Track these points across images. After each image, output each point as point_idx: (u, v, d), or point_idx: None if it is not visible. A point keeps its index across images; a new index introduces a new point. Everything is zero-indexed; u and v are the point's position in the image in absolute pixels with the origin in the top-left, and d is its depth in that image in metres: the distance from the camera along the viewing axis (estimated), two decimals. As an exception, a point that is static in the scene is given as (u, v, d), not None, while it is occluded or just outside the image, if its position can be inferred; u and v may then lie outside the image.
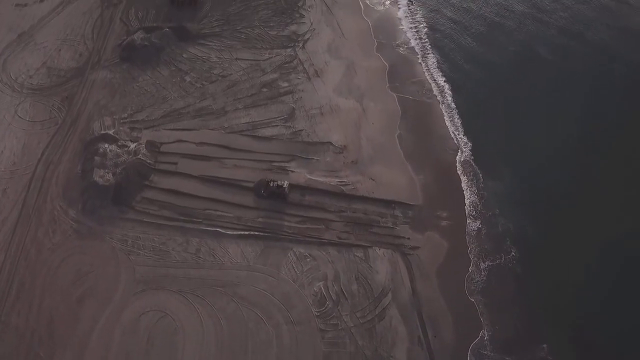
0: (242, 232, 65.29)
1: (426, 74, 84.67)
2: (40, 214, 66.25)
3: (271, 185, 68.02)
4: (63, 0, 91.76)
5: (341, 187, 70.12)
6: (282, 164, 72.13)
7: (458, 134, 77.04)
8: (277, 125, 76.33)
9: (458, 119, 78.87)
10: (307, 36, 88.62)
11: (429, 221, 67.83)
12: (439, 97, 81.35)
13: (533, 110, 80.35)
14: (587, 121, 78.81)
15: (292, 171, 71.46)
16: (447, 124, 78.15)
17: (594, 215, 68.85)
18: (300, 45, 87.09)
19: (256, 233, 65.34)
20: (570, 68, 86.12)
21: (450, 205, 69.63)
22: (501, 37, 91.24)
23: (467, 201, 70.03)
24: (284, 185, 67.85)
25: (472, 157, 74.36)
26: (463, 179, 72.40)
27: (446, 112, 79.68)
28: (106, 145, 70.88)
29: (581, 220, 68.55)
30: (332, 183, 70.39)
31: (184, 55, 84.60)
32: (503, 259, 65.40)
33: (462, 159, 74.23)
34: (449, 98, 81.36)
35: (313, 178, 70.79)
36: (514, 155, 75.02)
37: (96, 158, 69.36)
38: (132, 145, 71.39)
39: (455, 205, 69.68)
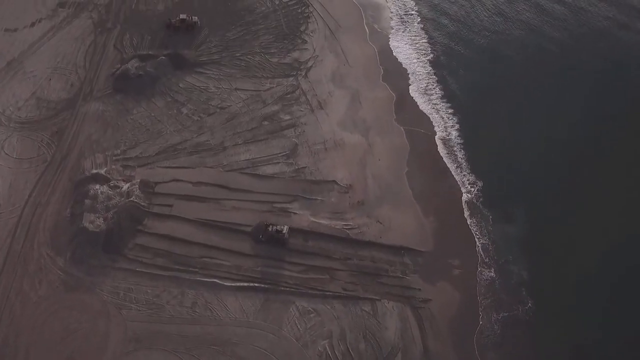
0: (241, 284, 61.11)
1: (434, 105, 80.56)
2: (26, 263, 62.05)
3: (270, 229, 63.94)
4: (54, 25, 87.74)
5: (346, 231, 66.00)
6: (284, 205, 68.03)
7: (467, 173, 72.82)
8: (279, 162, 72.23)
9: (467, 155, 74.74)
10: (310, 64, 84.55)
11: (440, 270, 63.68)
12: (447, 132, 77.25)
13: (544, 147, 76.20)
14: (603, 161, 74.68)
15: (294, 213, 67.35)
16: (456, 161, 74.08)
17: (614, 260, 64.85)
18: (303, 73, 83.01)
19: (256, 284, 61.17)
20: (586, 104, 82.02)
21: (462, 251, 65.47)
22: (511, 69, 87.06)
23: (478, 246, 65.93)
24: (284, 231, 63.73)
25: (482, 198, 70.23)
26: (473, 221, 68.33)
27: (455, 147, 75.62)
28: (97, 187, 66.77)
29: (601, 267, 64.55)
30: (336, 227, 66.26)
31: (181, 85, 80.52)
32: (519, 311, 61.29)
33: (472, 200, 70.13)
34: (457, 132, 77.28)
35: (316, 221, 66.67)
36: (525, 195, 70.89)
37: (86, 201, 65.25)
38: (125, 186, 67.28)
39: (466, 251, 65.52)
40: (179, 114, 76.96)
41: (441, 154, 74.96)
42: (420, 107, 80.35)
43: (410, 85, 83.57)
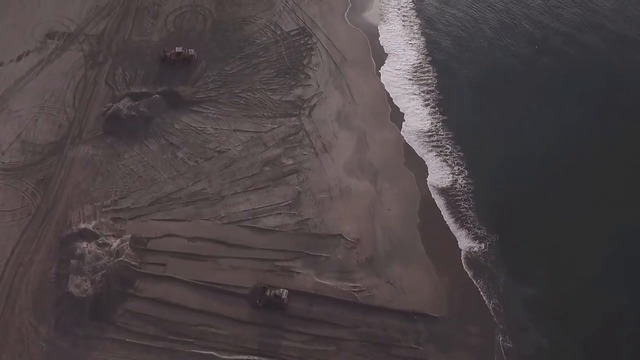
0: (240, 357, 56.11)
1: (446, 148, 75.42)
2: (6, 331, 57.06)
3: (268, 293, 58.90)
4: (43, 58, 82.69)
5: (354, 294, 60.96)
6: (286, 264, 63.03)
7: (483, 225, 67.66)
8: (281, 213, 67.22)
9: (473, 206, 69.56)
10: (313, 101, 79.52)
11: (456, 338, 58.64)
12: (460, 180, 72.08)
13: (558, 199, 70.97)
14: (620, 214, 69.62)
15: (297, 272, 62.33)
16: (469, 213, 68.88)
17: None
18: (306, 112, 77.99)
19: (255, 358, 56.13)
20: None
21: (479, 316, 60.45)
22: (524, 111, 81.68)
23: (495, 311, 60.84)
24: (283, 295, 58.65)
25: (493, 255, 65.10)
26: (490, 282, 63.19)
27: (461, 198, 70.36)
28: (85, 245, 61.77)
29: (625, 330, 59.70)
30: (343, 289, 61.21)
31: (176, 126, 75.49)
32: (543, 385, 56.38)
33: (487, 257, 64.97)
34: (465, 181, 72.01)
35: (321, 282, 61.65)
36: (539, 252, 65.75)
37: (73, 261, 60.26)
38: (115, 243, 62.29)
39: (484, 316, 60.49)
40: (173, 159, 71.95)
41: (455, 203, 69.87)
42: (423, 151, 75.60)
43: (421, 123, 78.54)
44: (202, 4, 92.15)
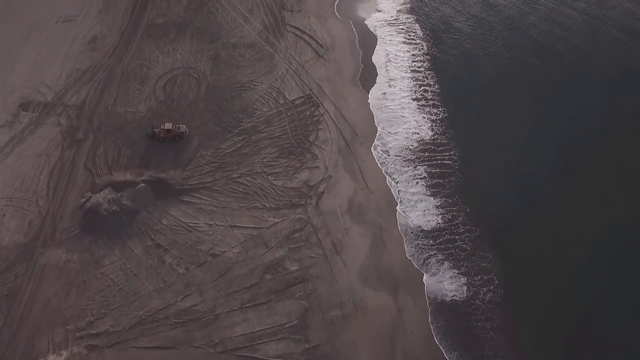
0: None
1: (471, 249, 65.57)
2: None
3: None
4: (14, 136, 72.78)
5: None
6: (292, 407, 53.32)
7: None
8: (285, 338, 57.32)
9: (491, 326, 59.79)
10: (321, 187, 69.74)
11: None
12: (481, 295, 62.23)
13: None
14: None
15: (305, 420, 52.62)
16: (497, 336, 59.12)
17: None
18: (314, 202, 68.19)
19: None
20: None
21: None
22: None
23: None
24: None
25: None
26: None
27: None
28: (52, 388, 52.04)
29: None
30: None
31: (164, 222, 65.67)
32: None
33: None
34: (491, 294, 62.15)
35: None
36: None
37: (36, 412, 50.50)
38: (88, 384, 52.52)
39: None
40: (160, 265, 62.10)
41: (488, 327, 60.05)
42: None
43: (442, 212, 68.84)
44: (195, 66, 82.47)
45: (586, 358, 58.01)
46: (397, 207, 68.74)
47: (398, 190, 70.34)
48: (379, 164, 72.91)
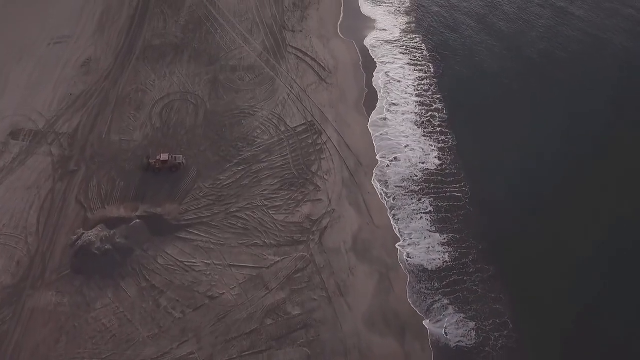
0: None
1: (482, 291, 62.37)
2: None
3: None
4: (3, 166, 69.57)
5: None
6: None
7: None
8: (287, 393, 54.38)
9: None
10: (324, 222, 66.57)
11: None
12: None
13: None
14: None
15: None
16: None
17: None
18: (316, 239, 65.03)
19: None
20: None
21: None
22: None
23: None
24: None
25: None
26: None
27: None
28: None
29: None
30: None
31: (160, 261, 62.49)
32: None
33: None
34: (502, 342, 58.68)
35: None
36: None
37: None
38: None
39: None
40: (155, 309, 58.91)
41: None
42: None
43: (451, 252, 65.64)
44: (193, 91, 79.31)
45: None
46: (398, 245, 65.35)
47: (398, 226, 66.94)
48: (380, 197, 69.62)
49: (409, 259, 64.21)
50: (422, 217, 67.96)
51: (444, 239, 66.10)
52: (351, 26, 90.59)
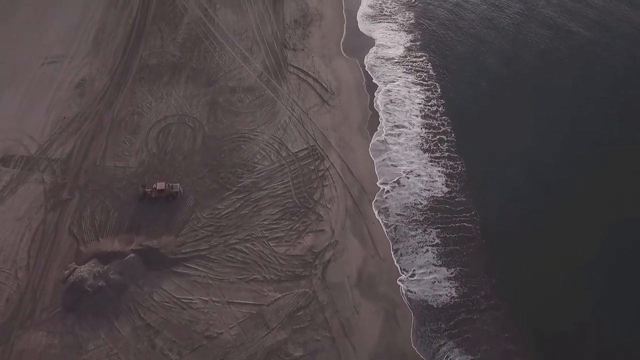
0: None
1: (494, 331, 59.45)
2: None
3: None
4: (-8, 196, 67.28)
5: None
6: None
7: None
8: None
9: None
10: (327, 255, 63.80)
11: None
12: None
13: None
14: None
15: None
16: None
17: None
18: (319, 273, 62.25)
19: None
20: None
21: None
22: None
23: None
24: None
25: None
26: None
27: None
28: None
29: None
30: None
31: (155, 298, 59.76)
32: None
33: None
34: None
35: None
36: None
37: None
38: None
39: None
40: (150, 350, 56.18)
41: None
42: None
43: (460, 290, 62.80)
44: (191, 113, 76.56)
45: None
46: (399, 281, 62.47)
47: (400, 260, 64.01)
48: (382, 227, 66.77)
49: (410, 294, 61.34)
50: (427, 250, 65.04)
51: (451, 273, 63.26)
52: (354, 44, 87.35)
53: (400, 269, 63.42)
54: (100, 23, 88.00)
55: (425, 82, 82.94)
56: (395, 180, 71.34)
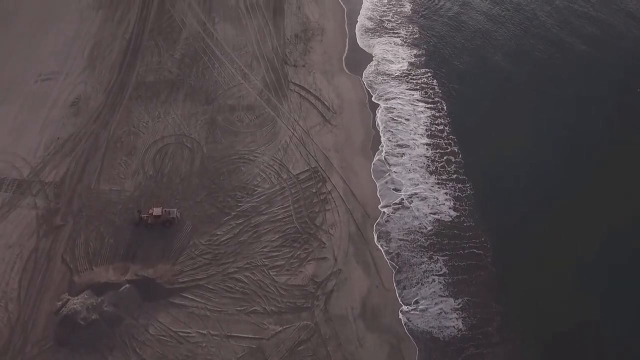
0: None
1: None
2: None
3: None
4: (-17, 223, 64.96)
5: None
6: None
7: None
8: None
9: None
10: (330, 285, 61.40)
11: None
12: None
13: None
14: None
15: None
16: None
17: None
18: (321, 304, 59.87)
19: None
20: None
21: None
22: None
23: None
24: None
25: None
26: None
27: None
28: None
29: None
30: None
31: (151, 331, 57.42)
32: None
33: None
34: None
35: None
36: None
37: None
38: None
39: None
40: (146, 387, 54.03)
41: None
42: (489, 368, 56.92)
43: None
44: (189, 133, 74.20)
45: None
46: (401, 312, 60.10)
47: (403, 291, 61.64)
48: (384, 255, 64.38)
49: (414, 326, 58.92)
50: (434, 280, 62.61)
51: (459, 303, 60.83)
52: (357, 60, 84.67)
53: (404, 299, 61.04)
54: (96, 37, 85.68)
55: (431, 100, 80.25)
56: (399, 204, 68.96)
